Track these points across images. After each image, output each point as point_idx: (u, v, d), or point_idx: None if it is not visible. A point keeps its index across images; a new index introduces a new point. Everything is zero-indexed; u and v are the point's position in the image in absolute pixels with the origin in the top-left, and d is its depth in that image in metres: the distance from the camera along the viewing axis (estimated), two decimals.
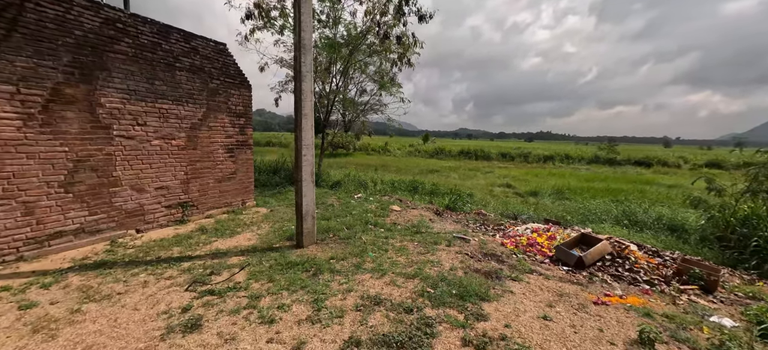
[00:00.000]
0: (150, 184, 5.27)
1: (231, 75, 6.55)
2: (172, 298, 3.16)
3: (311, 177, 4.65)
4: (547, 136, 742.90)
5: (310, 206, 4.68)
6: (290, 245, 4.71)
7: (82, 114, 4.42)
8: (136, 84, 4.97)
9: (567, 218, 8.29)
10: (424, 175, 20.62)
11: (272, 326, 2.69)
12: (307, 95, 4.49)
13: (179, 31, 5.65)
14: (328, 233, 5.27)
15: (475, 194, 13.37)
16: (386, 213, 6.87)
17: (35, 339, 2.49)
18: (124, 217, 4.97)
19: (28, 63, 3.90)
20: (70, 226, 4.39)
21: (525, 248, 4.90)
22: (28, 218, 4.01)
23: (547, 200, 12.52)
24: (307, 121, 4.53)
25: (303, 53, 4.39)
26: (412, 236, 5.28)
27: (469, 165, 26.92)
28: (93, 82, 4.49)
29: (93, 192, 4.59)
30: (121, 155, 4.88)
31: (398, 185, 14.02)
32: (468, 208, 9.08)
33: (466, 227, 6.37)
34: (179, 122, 5.63)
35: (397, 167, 24.73)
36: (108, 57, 4.62)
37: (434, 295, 3.21)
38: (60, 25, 4.18)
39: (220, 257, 4.24)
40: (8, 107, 3.79)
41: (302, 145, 4.51)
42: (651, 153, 37.54)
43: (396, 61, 12.97)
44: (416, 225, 5.95)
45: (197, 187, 6.03)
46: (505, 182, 17.71)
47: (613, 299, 3.37)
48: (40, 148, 4.07)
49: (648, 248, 5.04)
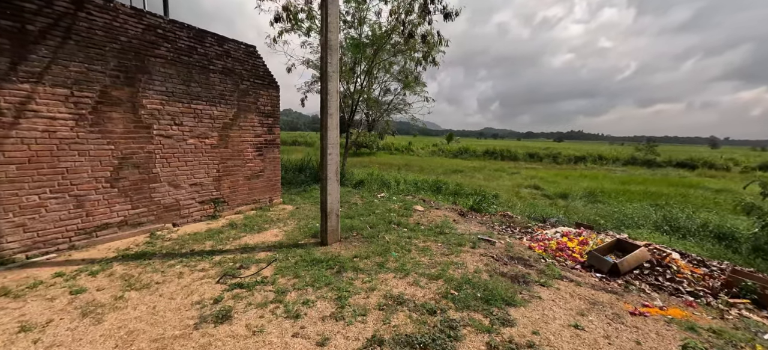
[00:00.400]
0: (185, 181, 5.57)
1: (260, 76, 6.78)
2: (204, 289, 3.32)
3: (336, 176, 4.72)
4: (578, 135, 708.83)
5: (335, 204, 4.75)
6: (315, 243, 4.80)
7: (126, 115, 4.75)
8: (173, 86, 5.27)
9: (600, 223, 7.86)
10: (447, 175, 20.35)
11: (297, 321, 2.76)
12: (332, 95, 4.55)
13: (213, 35, 5.92)
14: (352, 231, 5.33)
15: (500, 196, 13.02)
16: (409, 213, 6.84)
17: (84, 323, 2.70)
18: (162, 211, 5.28)
19: (80, 67, 4.24)
20: (115, 219, 4.73)
21: (554, 253, 4.70)
22: (79, 210, 4.36)
23: (578, 203, 11.96)
24: (333, 120, 4.60)
25: (329, 54, 4.46)
26: (436, 237, 5.22)
27: (494, 166, 26.24)
28: (136, 84, 4.81)
29: (135, 187, 4.92)
30: (160, 153, 5.19)
31: (421, 185, 13.93)
32: (493, 209, 8.85)
33: (491, 229, 6.22)
34: (212, 122, 5.90)
35: (420, 166, 24.56)
36: (149, 61, 4.93)
37: (458, 297, 3.16)
38: (107, 32, 4.50)
39: (248, 252, 4.41)
40: (63, 108, 4.14)
41: (327, 144, 4.59)
42: (696, 154, 34.82)
43: (420, 61, 12.87)
44: (440, 226, 5.88)
45: (228, 184, 6.30)
46: (532, 183, 17.10)
47: (651, 310, 3.15)
48: (90, 146, 4.41)
49: (692, 257, 4.67)
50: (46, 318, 2.74)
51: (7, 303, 2.97)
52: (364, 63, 12.75)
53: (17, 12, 3.77)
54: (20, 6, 3.80)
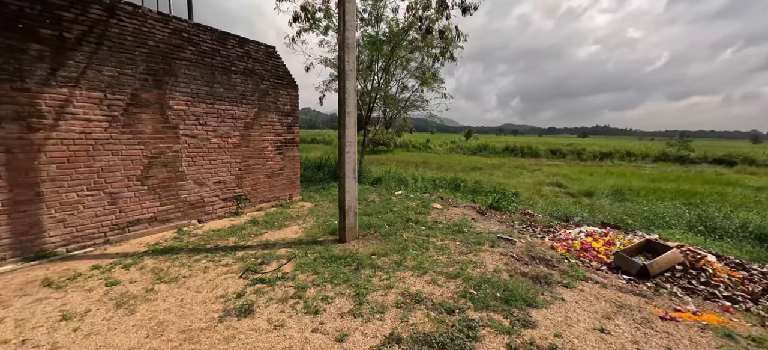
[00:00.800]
0: (209, 179, 5.78)
1: (279, 76, 6.91)
2: (228, 284, 3.44)
3: (353, 174, 4.76)
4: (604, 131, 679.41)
5: (353, 202, 4.79)
6: (333, 240, 4.87)
7: (155, 116, 4.97)
8: (198, 87, 5.47)
9: (628, 222, 7.51)
10: (466, 172, 20.07)
11: (317, 316, 2.81)
12: (350, 93, 4.58)
13: (235, 37, 6.08)
14: (370, 229, 5.36)
15: (520, 194, 12.71)
16: (427, 211, 6.80)
17: (119, 313, 2.87)
18: (188, 208, 5.51)
19: (112, 72, 4.47)
20: (146, 215, 4.98)
21: (578, 253, 4.54)
22: (113, 207, 4.62)
23: (604, 201, 11.49)
24: (350, 118, 4.63)
25: (347, 52, 4.48)
26: (454, 235, 5.16)
27: (514, 163, 25.60)
28: (163, 87, 5.03)
29: (163, 185, 5.15)
30: (186, 152, 5.40)
31: (439, 182, 13.81)
32: (513, 208, 8.65)
33: (511, 227, 6.08)
34: (234, 122, 6.08)
35: (438, 164, 24.33)
36: (175, 64, 5.14)
37: (477, 297, 3.11)
38: (136, 37, 4.72)
39: (269, 248, 4.52)
40: (97, 110, 4.38)
41: (345, 142, 4.63)
42: (734, 150, 32.60)
43: (438, 57, 12.72)
44: (458, 224, 5.81)
45: (249, 182, 6.48)
46: (554, 181, 16.58)
47: (684, 315, 2.99)
48: (122, 146, 4.65)
49: (730, 260, 4.39)
50: (85, 308, 2.93)
51: (50, 293, 3.19)
52: (381, 60, 12.74)
53: (56, 21, 4.02)
54: (59, 15, 4.04)
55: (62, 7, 4.07)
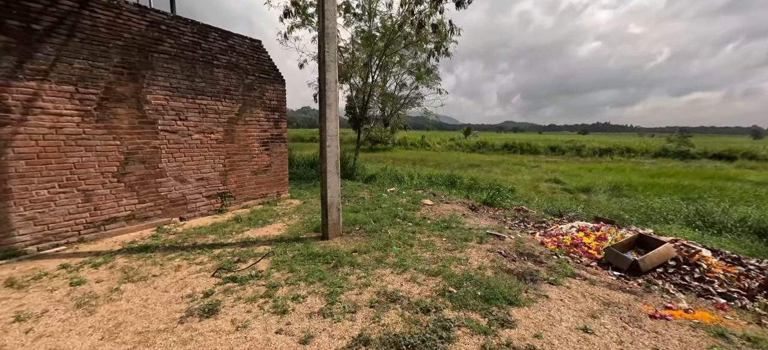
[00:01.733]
0: (191, 175, 5.63)
1: (265, 71, 6.75)
2: (198, 283, 3.29)
3: (336, 168, 4.60)
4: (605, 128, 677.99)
5: (335, 198, 4.64)
6: (316, 237, 4.72)
7: (131, 110, 4.82)
8: (178, 81, 5.31)
9: (624, 217, 7.34)
10: (463, 170, 19.91)
11: (284, 316, 2.66)
12: (331, 85, 4.42)
13: (217, 30, 5.92)
14: (355, 225, 5.21)
15: (517, 190, 12.55)
16: (417, 207, 6.64)
17: (77, 314, 2.72)
18: (169, 205, 5.36)
19: (84, 64, 4.32)
20: (123, 212, 4.83)
21: (568, 249, 4.37)
22: (87, 204, 4.48)
23: (601, 197, 11.32)
24: (332, 111, 4.47)
25: (327, 42, 4.32)
26: (442, 232, 5.01)
27: (513, 160, 25.41)
28: (140, 80, 4.87)
29: (142, 182, 5.01)
30: (166, 148, 5.25)
31: (435, 179, 13.64)
32: (508, 204, 8.48)
33: (502, 223, 5.92)
34: (217, 117, 5.93)
35: (436, 161, 24.17)
36: (152, 57, 4.98)
37: (456, 296, 2.96)
38: (111, 29, 4.56)
39: (249, 246, 4.37)
40: (69, 104, 4.23)
41: (326, 136, 4.47)
42: (735, 145, 32.33)
43: (433, 52, 12.54)
44: (447, 220, 5.65)
45: (234, 178, 6.33)
46: (552, 177, 16.41)
47: (675, 313, 2.83)
48: (97, 142, 4.50)
49: (725, 255, 4.22)
50: (42, 309, 2.78)
51: (10, 293, 3.05)
52: (375, 57, 12.56)
53: (23, 11, 3.86)
54: (26, 6, 3.89)
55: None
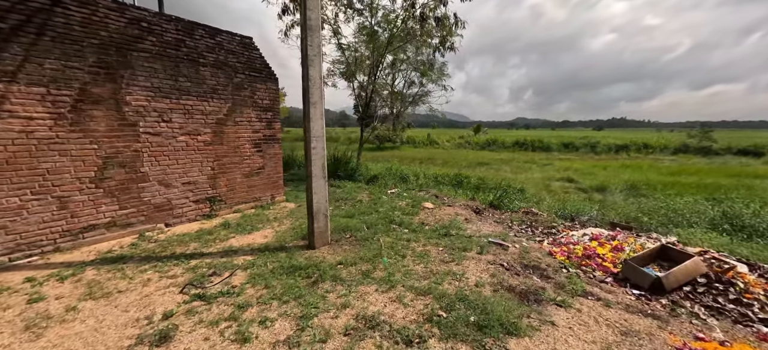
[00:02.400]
0: (177, 179, 5.38)
1: (256, 69, 6.46)
2: (163, 300, 2.99)
3: (322, 171, 4.25)
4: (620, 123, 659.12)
5: (322, 203, 4.29)
6: (303, 245, 4.39)
7: (109, 112, 4.58)
8: (160, 81, 5.05)
9: (643, 220, 6.75)
10: (471, 168, 19.37)
11: (245, 345, 2.32)
12: (315, 82, 4.07)
13: (204, 27, 5.65)
14: (346, 232, 4.85)
15: (526, 190, 12.00)
16: (416, 211, 6.25)
17: (21, 338, 2.45)
18: (153, 211, 5.12)
19: (56, 65, 4.09)
20: (102, 219, 4.61)
21: (580, 261, 3.90)
22: (63, 211, 4.26)
23: (617, 197, 10.67)
24: (316, 110, 4.12)
25: (309, 34, 3.96)
26: (439, 240, 4.60)
27: (524, 157, 24.67)
28: (118, 81, 4.62)
29: (122, 187, 4.77)
30: (148, 152, 5.01)
31: (442, 179, 13.19)
32: (515, 206, 7.99)
33: (508, 229, 5.47)
34: (204, 118, 5.66)
35: (444, 159, 23.67)
36: (132, 56, 4.73)
37: (445, 321, 2.56)
38: (86, 27, 4.32)
39: (229, 256, 4.08)
40: (40, 107, 4.01)
41: (311, 136, 4.12)
42: (761, 140, 30.61)
43: (438, 47, 12.07)
44: (447, 226, 5.24)
45: (224, 182, 6.06)
46: (565, 175, 15.73)
47: (708, 345, 2.37)
48: (71, 146, 4.28)
49: (765, 270, 3.68)
50: None
51: None
52: (377, 53, 12.16)
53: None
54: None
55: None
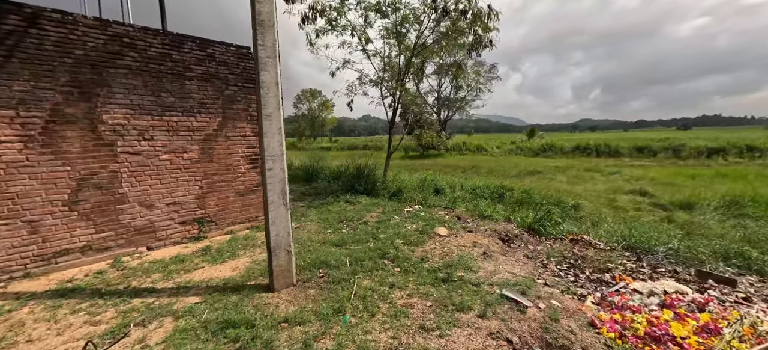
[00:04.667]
0: (160, 200, 5.08)
1: (251, 80, 6.02)
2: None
3: (282, 198, 3.47)
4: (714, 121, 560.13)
5: (283, 236, 3.50)
6: (264, 286, 3.64)
7: (84, 132, 4.39)
8: (140, 98, 4.80)
9: (751, 256, 4.69)
10: (520, 178, 17.31)
11: None
12: (269, 89, 3.33)
13: (194, 39, 5.35)
14: (318, 269, 4.00)
15: (583, 206, 10.00)
16: (423, 239, 5.15)
17: None
18: (133, 234, 4.85)
19: (25, 86, 3.97)
20: (77, 243, 4.41)
21: (640, 345, 2.51)
22: (33, 236, 4.11)
23: (711, 217, 8.15)
24: (272, 123, 3.37)
25: (260, 31, 3.25)
26: (434, 287, 3.50)
27: (585, 164, 21.42)
28: (93, 99, 4.43)
29: (99, 210, 4.56)
30: (128, 172, 4.76)
31: (481, 191, 11.72)
32: (561, 230, 6.39)
33: (540, 269, 4.12)
34: (191, 134, 5.32)
35: (490, 168, 21.67)
36: (108, 73, 4.52)
37: None
38: (60, 46, 4.19)
39: (179, 295, 3.50)
40: (8, 130, 3.90)
41: (266, 156, 3.37)
42: None
43: (474, 45, 10.74)
44: (453, 264, 4.09)
45: (215, 201, 5.67)
46: (637, 187, 12.98)
47: None
48: (42, 168, 4.13)
49: None
50: None
51: None
52: (403, 56, 11.26)
53: None
54: None
55: None
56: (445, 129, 39.59)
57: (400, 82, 11.44)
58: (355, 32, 10.93)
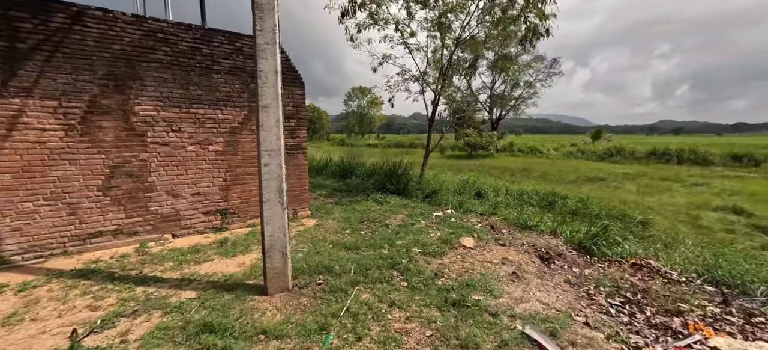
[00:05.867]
0: (186, 190, 5.24)
1: None
2: (44, 347, 2.48)
3: (278, 197, 3.23)
4: None
5: (278, 237, 3.27)
6: (260, 287, 3.46)
7: (117, 123, 4.66)
8: (169, 91, 4.98)
9: None
10: (577, 185, 15.53)
11: None
12: (268, 78, 3.10)
13: (224, 33, 5.43)
14: (319, 275, 3.70)
15: (654, 222, 8.44)
16: (444, 251, 4.59)
17: None
18: (160, 221, 5.07)
19: (67, 79, 4.29)
20: (109, 227, 4.71)
21: None
22: (72, 217, 4.46)
23: None
24: (270, 116, 3.14)
25: (259, 15, 3.02)
26: (441, 310, 2.98)
27: (662, 172, 18.37)
28: (126, 92, 4.68)
29: (129, 196, 4.82)
30: (156, 161, 4.97)
31: (529, 197, 10.62)
32: (621, 251, 5.32)
33: (583, 300, 3.34)
34: (216, 127, 5.42)
35: (543, 172, 19.78)
36: (141, 66, 4.73)
37: None
38: (99, 41, 4.46)
39: (179, 287, 3.48)
40: (52, 119, 4.25)
41: (262, 151, 3.16)
42: None
43: (527, 36, 9.66)
44: (471, 285, 3.50)
45: (238, 194, 5.73)
46: (730, 203, 10.66)
47: None
48: (80, 155, 4.45)
49: None
50: None
51: None
52: (446, 50, 10.57)
53: (12, 32, 3.99)
54: (16, 26, 4.01)
55: (22, 18, 4.04)
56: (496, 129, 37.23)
57: (442, 76, 10.76)
58: (398, 26, 10.51)
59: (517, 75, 10.92)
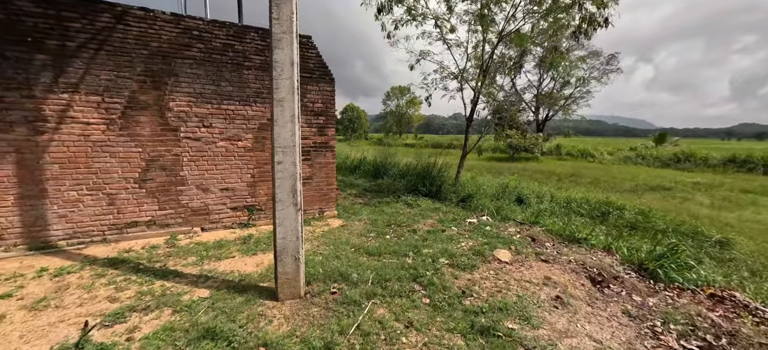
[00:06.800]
0: (215, 185, 5.31)
1: (309, 69, 5.86)
2: (58, 334, 2.51)
3: (292, 197, 3.03)
4: None
5: (291, 240, 3.06)
6: (272, 290, 3.29)
7: (153, 118, 4.81)
8: (201, 87, 5.06)
9: None
10: (637, 194, 13.84)
11: None
12: (284, 69, 2.89)
13: (256, 30, 5.44)
14: (334, 282, 3.44)
15: (736, 243, 7.11)
16: (475, 264, 4.10)
17: None
18: (190, 215, 5.19)
19: (109, 75, 4.50)
20: (144, 218, 4.90)
21: None
22: (111, 207, 4.69)
23: None
24: (285, 111, 2.93)
25: (276, 3, 2.82)
26: (466, 338, 2.56)
27: (742, 183, 15.72)
28: (162, 88, 4.82)
29: (163, 189, 4.97)
30: (188, 156, 5.08)
31: (578, 206, 9.60)
32: (695, 278, 4.42)
33: (647, 339, 2.72)
34: (246, 123, 5.43)
35: (595, 178, 18.02)
36: (176, 63, 4.86)
37: None
38: (139, 39, 4.64)
39: (196, 284, 3.43)
40: (96, 114, 4.48)
41: (276, 147, 2.97)
42: None
43: (581, 26, 8.68)
44: (504, 308, 3.02)
45: (265, 191, 5.71)
46: None
47: None
48: (120, 148, 4.66)
49: None
50: None
51: None
52: (488, 44, 9.88)
53: (63, 31, 4.26)
54: (67, 26, 4.27)
55: (72, 18, 4.30)
56: (542, 130, 34.75)
57: (483, 73, 10.08)
58: (437, 21, 10.03)
59: (569, 71, 9.81)
